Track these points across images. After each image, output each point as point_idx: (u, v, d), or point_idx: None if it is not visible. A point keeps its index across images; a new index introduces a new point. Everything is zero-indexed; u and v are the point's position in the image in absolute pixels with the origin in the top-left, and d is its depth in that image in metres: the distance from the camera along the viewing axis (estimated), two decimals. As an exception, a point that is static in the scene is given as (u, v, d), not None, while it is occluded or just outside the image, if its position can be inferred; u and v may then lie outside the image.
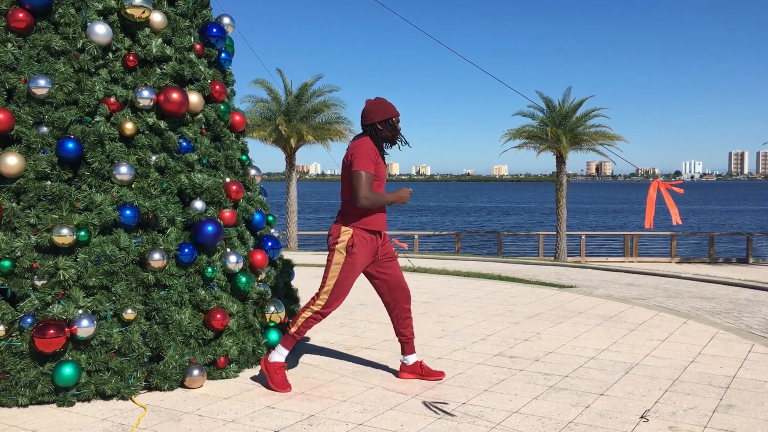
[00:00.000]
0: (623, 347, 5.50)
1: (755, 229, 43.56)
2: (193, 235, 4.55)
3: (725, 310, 7.41)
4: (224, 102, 5.11)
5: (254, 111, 22.62)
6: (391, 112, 4.32)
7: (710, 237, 22.52)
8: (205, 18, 5.10)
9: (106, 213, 4.19)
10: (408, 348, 4.56)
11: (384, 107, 4.32)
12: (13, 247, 4.00)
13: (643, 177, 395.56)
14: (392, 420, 3.76)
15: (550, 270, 11.50)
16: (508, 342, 5.68)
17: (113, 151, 4.32)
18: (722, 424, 3.73)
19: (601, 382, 4.50)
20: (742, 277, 11.85)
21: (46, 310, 3.97)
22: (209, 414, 3.86)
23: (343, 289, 4.23)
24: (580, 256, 22.52)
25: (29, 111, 4.22)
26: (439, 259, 13.23)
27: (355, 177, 4.13)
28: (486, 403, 4.07)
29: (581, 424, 3.71)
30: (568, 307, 7.43)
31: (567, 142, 22.22)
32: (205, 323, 4.45)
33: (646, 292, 8.67)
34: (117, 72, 4.48)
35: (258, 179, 5.47)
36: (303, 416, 3.82)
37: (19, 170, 4.12)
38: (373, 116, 4.29)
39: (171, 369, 4.22)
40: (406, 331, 4.54)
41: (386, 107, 4.33)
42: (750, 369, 4.87)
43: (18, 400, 3.89)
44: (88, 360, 4.02)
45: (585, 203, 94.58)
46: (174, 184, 4.56)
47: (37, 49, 4.27)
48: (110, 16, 4.47)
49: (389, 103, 4.37)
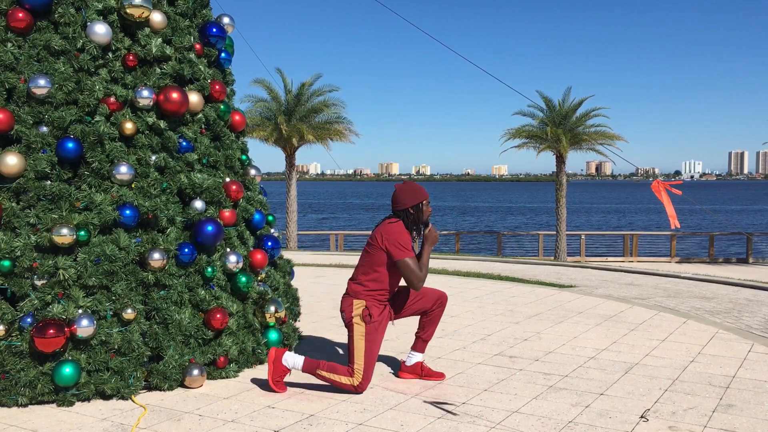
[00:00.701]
0: (623, 347, 5.50)
1: (755, 229, 43.57)
2: (192, 234, 4.55)
3: (725, 309, 7.41)
4: (224, 102, 5.10)
5: (254, 111, 22.61)
6: (421, 195, 4.40)
7: (710, 237, 22.52)
8: (204, 18, 5.09)
9: (105, 213, 4.19)
10: (419, 346, 4.60)
11: (415, 192, 4.40)
12: (13, 246, 4.00)
13: (643, 177, 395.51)
14: (392, 420, 3.76)
15: (550, 270, 11.49)
16: (507, 342, 5.68)
17: (113, 150, 4.32)
18: (722, 423, 3.73)
19: (601, 382, 4.50)
20: (742, 277, 11.85)
21: (45, 310, 3.97)
22: (209, 414, 3.86)
23: (372, 358, 4.27)
24: (580, 255, 22.52)
25: (29, 111, 4.22)
26: (439, 259, 13.23)
27: (402, 266, 4.22)
28: (486, 402, 4.07)
29: (581, 423, 3.71)
30: (568, 306, 7.43)
31: (567, 142, 22.22)
32: (205, 323, 4.45)
33: (645, 292, 8.67)
34: (117, 72, 4.47)
35: (258, 179, 5.47)
36: (303, 416, 3.82)
37: (19, 170, 4.12)
38: (405, 201, 4.36)
39: (171, 369, 4.22)
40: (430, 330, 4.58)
41: (417, 191, 4.40)
42: (750, 369, 4.87)
43: (18, 400, 3.89)
44: (88, 360, 4.02)
45: (587, 203, 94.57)
46: (174, 184, 4.56)
47: (36, 49, 4.27)
48: (110, 15, 4.47)
49: (419, 186, 4.46)
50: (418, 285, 4.27)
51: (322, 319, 6.69)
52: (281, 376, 4.28)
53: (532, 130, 23.20)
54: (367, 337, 4.23)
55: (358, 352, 4.23)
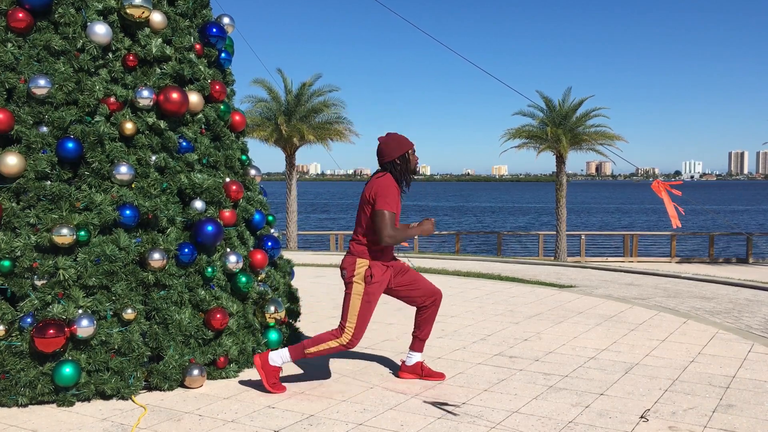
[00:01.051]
0: (623, 347, 5.50)
1: (755, 229, 43.57)
2: (193, 235, 4.55)
3: (725, 310, 7.41)
4: (224, 102, 5.11)
5: (254, 111, 22.61)
6: (406, 145, 4.33)
7: (710, 237, 22.52)
8: (204, 18, 5.10)
9: (106, 213, 4.19)
10: (417, 345, 4.58)
11: (399, 142, 4.33)
12: (13, 247, 4.00)
13: (643, 177, 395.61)
14: (392, 420, 3.76)
15: (550, 270, 11.49)
16: (507, 342, 5.68)
17: (113, 150, 4.32)
18: (722, 423, 3.73)
19: (601, 382, 4.50)
20: (742, 277, 11.84)
21: (46, 310, 3.97)
22: (209, 414, 3.86)
23: (366, 318, 4.23)
24: (580, 256, 22.52)
25: (29, 111, 4.22)
26: (439, 259, 13.23)
27: (378, 216, 4.13)
28: (486, 403, 4.07)
29: (581, 423, 3.71)
30: (568, 307, 7.43)
31: (567, 142, 22.22)
32: (205, 323, 4.45)
33: (645, 292, 8.67)
34: (117, 72, 4.48)
35: (258, 179, 5.47)
36: (303, 416, 3.82)
37: (19, 170, 4.12)
38: (391, 152, 4.30)
39: (171, 369, 4.22)
40: (426, 329, 4.55)
41: (401, 141, 4.33)
42: (750, 369, 4.87)
43: (18, 400, 3.89)
44: (88, 360, 4.02)
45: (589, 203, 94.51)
46: (174, 184, 4.56)
47: (37, 49, 4.27)
48: (110, 16, 4.47)
49: (402, 136, 4.38)
50: (385, 239, 4.11)
51: (322, 319, 6.69)
52: (275, 376, 4.27)
53: (532, 130, 23.20)
54: (365, 298, 4.19)
55: (353, 310, 4.20)
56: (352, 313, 4.19)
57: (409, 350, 4.61)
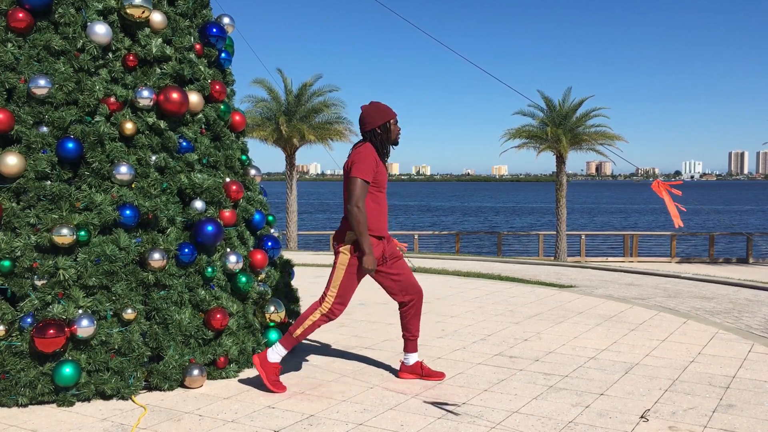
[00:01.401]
0: (623, 347, 5.50)
1: (755, 229, 43.55)
2: (193, 235, 4.55)
3: (725, 310, 7.41)
4: (224, 102, 5.11)
5: (254, 111, 22.63)
6: (389, 114, 4.32)
7: (710, 237, 22.53)
8: (205, 18, 5.10)
9: (106, 213, 4.19)
10: (410, 346, 4.57)
11: (381, 111, 4.31)
12: (13, 247, 4.00)
13: (643, 177, 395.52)
14: (392, 420, 3.76)
15: (550, 270, 11.49)
16: (508, 342, 5.68)
17: (113, 151, 4.32)
18: (722, 424, 3.73)
19: (601, 382, 4.50)
20: (742, 277, 11.85)
21: (46, 310, 3.97)
22: (209, 414, 3.86)
23: (348, 289, 4.23)
24: (580, 256, 22.52)
25: (29, 111, 4.22)
26: (439, 259, 13.23)
27: (351, 182, 4.13)
28: (486, 403, 4.07)
29: (581, 424, 3.71)
30: (568, 307, 7.43)
31: (567, 142, 22.23)
32: (205, 323, 4.45)
33: (646, 292, 8.67)
34: (117, 72, 4.48)
35: (258, 179, 5.47)
36: (303, 416, 3.82)
37: (19, 170, 4.12)
38: (372, 121, 4.29)
39: (171, 369, 4.22)
40: (413, 328, 4.54)
41: (383, 110, 4.32)
42: (750, 369, 4.87)
43: (18, 400, 3.89)
44: (88, 360, 4.02)
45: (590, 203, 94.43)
46: (174, 184, 4.56)
47: (37, 49, 4.27)
48: (110, 15, 4.47)
49: (385, 105, 4.37)
50: (350, 207, 4.09)
51: (322, 319, 6.68)
52: (276, 374, 4.27)
53: (533, 130, 23.21)
54: (348, 269, 4.20)
55: (336, 280, 4.22)
56: (335, 282, 4.22)
57: (404, 352, 4.60)
